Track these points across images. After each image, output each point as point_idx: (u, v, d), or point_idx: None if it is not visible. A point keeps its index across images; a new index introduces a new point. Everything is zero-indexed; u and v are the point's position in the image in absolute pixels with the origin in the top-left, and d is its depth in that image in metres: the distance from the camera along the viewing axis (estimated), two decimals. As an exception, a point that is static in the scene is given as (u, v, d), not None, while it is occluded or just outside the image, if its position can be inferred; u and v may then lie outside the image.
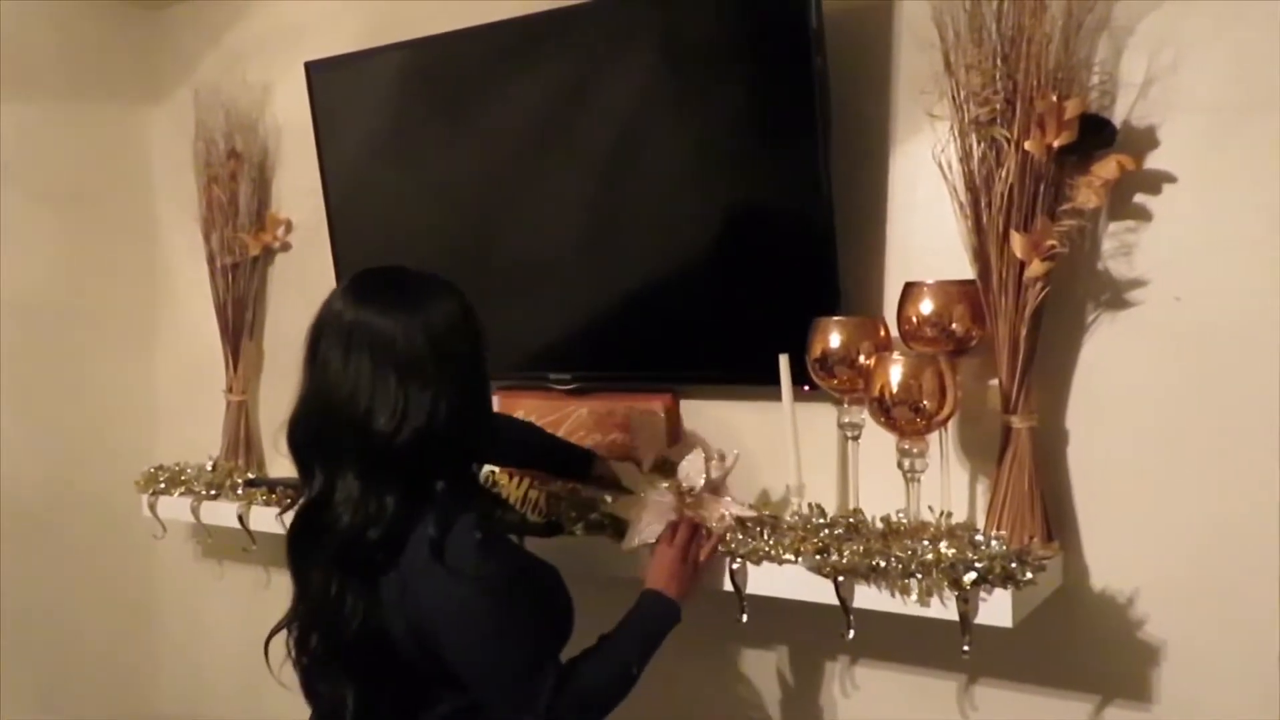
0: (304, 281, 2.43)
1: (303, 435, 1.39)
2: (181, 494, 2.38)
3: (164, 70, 2.71)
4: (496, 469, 1.89)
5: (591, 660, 1.43)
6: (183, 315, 2.69)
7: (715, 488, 1.63)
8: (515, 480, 1.85)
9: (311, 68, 2.21)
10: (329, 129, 2.22)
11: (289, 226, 2.48)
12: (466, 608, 1.32)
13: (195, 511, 2.34)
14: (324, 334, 1.37)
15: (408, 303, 1.37)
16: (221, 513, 2.30)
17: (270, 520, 2.12)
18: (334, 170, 2.23)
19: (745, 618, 1.58)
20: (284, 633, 1.43)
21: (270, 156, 2.49)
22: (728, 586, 1.58)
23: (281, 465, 2.45)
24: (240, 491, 2.27)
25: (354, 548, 1.33)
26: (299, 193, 2.42)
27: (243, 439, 2.51)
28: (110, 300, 2.72)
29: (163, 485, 2.41)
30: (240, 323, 2.50)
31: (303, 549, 1.40)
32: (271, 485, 2.21)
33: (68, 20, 2.59)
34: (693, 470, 1.63)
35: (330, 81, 2.20)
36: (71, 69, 2.61)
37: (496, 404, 2.08)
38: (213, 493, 2.33)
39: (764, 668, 1.85)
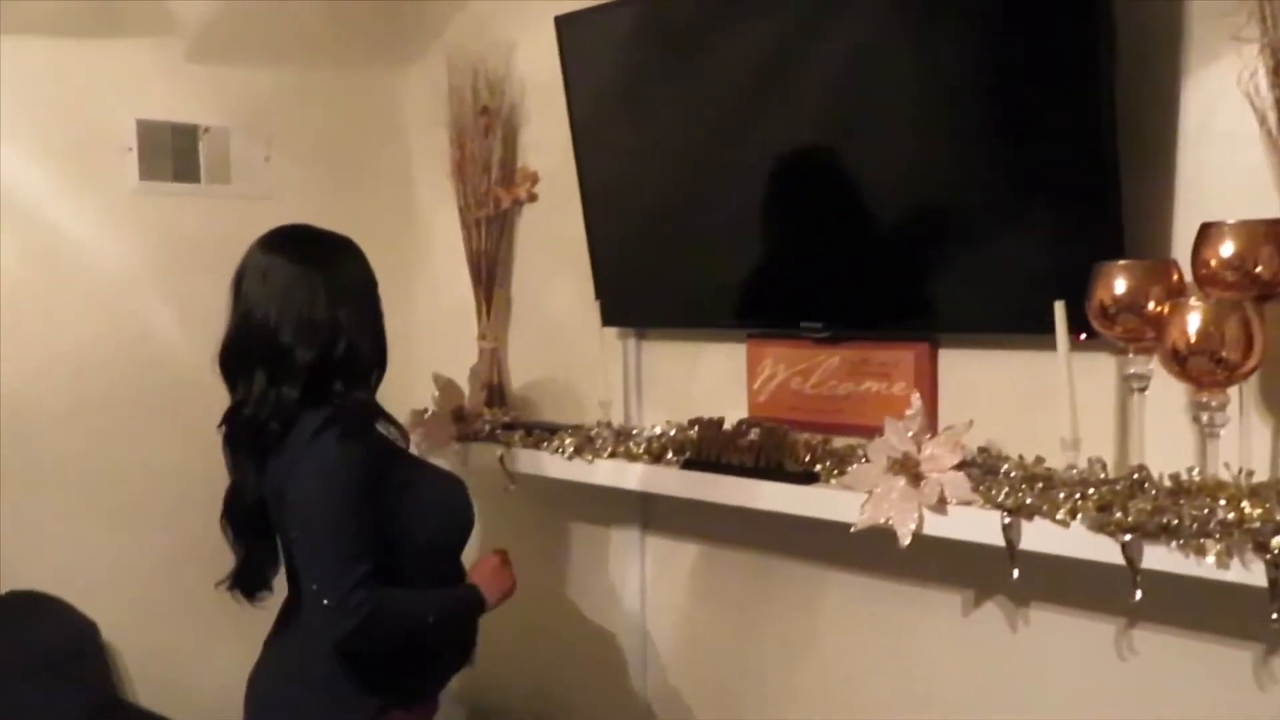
0: (551, 232, 2.51)
1: (227, 358, 1.69)
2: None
3: (416, 33, 2.83)
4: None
5: (405, 593, 1.63)
6: (438, 266, 2.82)
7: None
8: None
9: (561, 21, 2.24)
10: (578, 81, 2.25)
11: (536, 179, 2.55)
12: (307, 486, 1.57)
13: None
14: (245, 276, 1.68)
15: (314, 252, 1.71)
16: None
17: (527, 461, 2.23)
18: (582, 122, 2.27)
19: (1016, 573, 1.53)
20: None
21: (517, 111, 2.57)
22: (999, 541, 1.52)
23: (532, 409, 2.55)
24: (499, 434, 2.37)
25: (258, 435, 1.63)
26: (545, 146, 2.48)
27: (495, 384, 2.62)
28: (372, 256, 2.87)
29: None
30: (492, 273, 2.60)
31: (232, 447, 1.70)
32: (529, 428, 2.30)
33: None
34: (895, 438, 1.63)
35: (578, 34, 2.23)
36: (333, 37, 2.77)
37: (744, 353, 2.10)
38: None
39: (1032, 626, 1.79)
